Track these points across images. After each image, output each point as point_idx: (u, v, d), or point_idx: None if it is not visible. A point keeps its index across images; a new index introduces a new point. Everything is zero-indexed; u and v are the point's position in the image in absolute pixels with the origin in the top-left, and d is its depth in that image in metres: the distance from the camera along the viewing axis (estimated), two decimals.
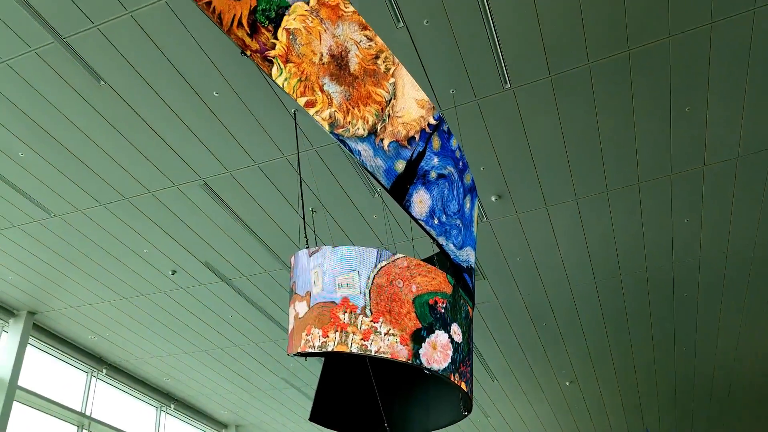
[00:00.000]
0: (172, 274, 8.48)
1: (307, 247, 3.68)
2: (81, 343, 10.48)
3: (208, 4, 2.79)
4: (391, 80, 3.60)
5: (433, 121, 4.00)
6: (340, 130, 3.34)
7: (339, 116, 3.30)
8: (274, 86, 5.63)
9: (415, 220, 3.70)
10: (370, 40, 3.51)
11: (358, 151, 3.39)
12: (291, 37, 3.11)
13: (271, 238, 7.77)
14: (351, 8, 3.43)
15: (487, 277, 8.50)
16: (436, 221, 3.81)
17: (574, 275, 8.53)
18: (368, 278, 3.38)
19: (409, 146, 3.72)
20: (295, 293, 3.56)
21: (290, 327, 3.55)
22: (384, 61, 3.58)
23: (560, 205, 7.16)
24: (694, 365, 11.15)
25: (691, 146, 6.34)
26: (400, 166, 3.64)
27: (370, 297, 3.34)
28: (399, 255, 3.54)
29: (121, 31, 5.25)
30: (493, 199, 7.01)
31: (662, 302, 9.16)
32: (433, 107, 3.97)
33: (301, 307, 3.45)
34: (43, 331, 9.91)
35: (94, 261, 8.24)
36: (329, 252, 3.47)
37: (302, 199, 5.26)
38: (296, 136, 5.45)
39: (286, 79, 3.11)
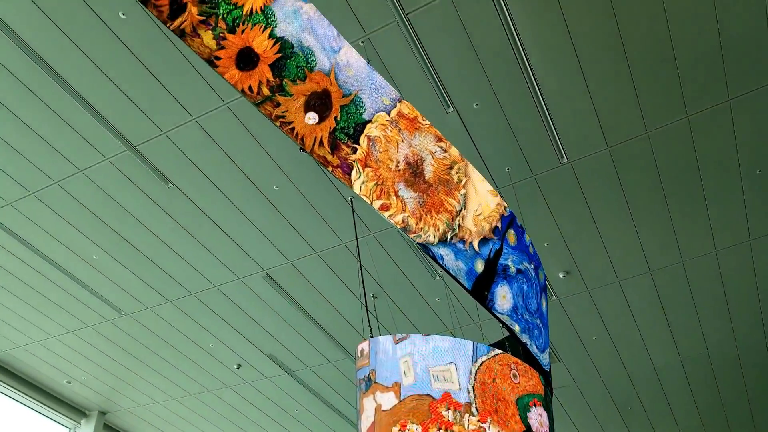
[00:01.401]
0: (238, 368, 8.48)
1: (371, 335, 3.59)
2: None
3: (292, 130, 3.06)
4: (463, 191, 3.70)
5: (505, 204, 4.08)
6: (411, 235, 3.44)
7: (412, 222, 3.41)
8: (332, 177, 5.75)
9: (498, 317, 3.65)
10: (445, 151, 3.68)
11: (441, 255, 3.48)
12: (371, 143, 3.31)
13: (333, 327, 7.70)
14: (428, 122, 3.64)
15: (562, 359, 8.07)
16: (519, 318, 3.77)
17: (656, 353, 7.99)
18: (470, 373, 3.28)
19: (494, 236, 3.77)
20: (375, 383, 3.37)
21: (368, 420, 3.32)
22: (457, 172, 3.71)
23: (634, 278, 6.82)
24: None
25: None
26: (480, 266, 3.66)
27: (474, 394, 3.23)
28: (497, 351, 3.47)
29: (187, 135, 5.54)
30: (560, 275, 6.76)
31: (759, 377, 8.39)
32: (501, 204, 4.02)
33: (386, 399, 3.27)
34: (113, 431, 9.98)
35: (163, 358, 8.35)
36: (419, 340, 3.35)
37: (363, 286, 5.22)
38: (354, 223, 5.48)
39: (363, 182, 3.26)
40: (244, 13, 2.89)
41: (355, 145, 3.23)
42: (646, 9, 4.51)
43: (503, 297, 3.69)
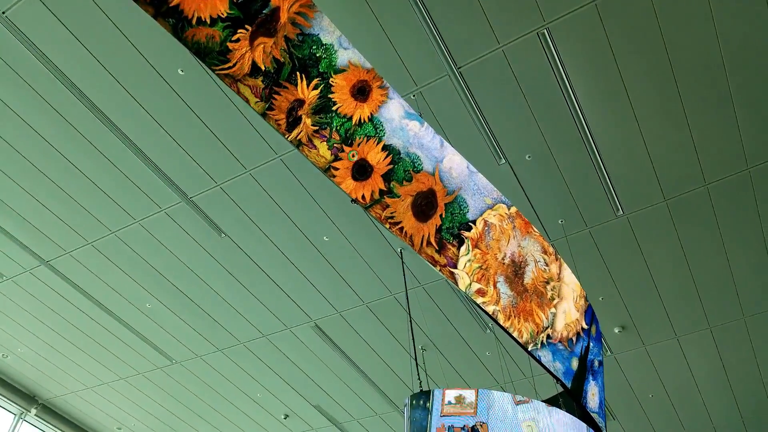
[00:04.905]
0: (285, 419, 8.42)
1: (421, 388, 3.58)
2: None
3: (401, 230, 3.25)
4: (552, 310, 3.73)
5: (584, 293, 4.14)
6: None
7: (501, 317, 3.50)
8: (381, 228, 5.77)
9: (587, 416, 3.60)
10: (547, 265, 3.78)
11: (540, 356, 3.52)
12: (486, 227, 3.47)
13: (381, 379, 7.60)
14: (537, 231, 3.83)
15: (617, 418, 7.74)
16: (602, 412, 3.77)
17: (716, 412, 7.59)
18: None
19: (583, 335, 3.82)
20: None
21: None
22: (552, 290, 3.79)
23: (692, 334, 6.55)
24: None
25: None
26: (575, 364, 3.69)
27: None
28: None
29: (240, 187, 5.66)
30: (616, 330, 6.54)
31: None
32: (583, 294, 4.03)
33: None
34: None
35: (211, 406, 8.37)
36: (543, 409, 3.37)
37: (412, 338, 5.15)
38: (404, 274, 5.46)
39: (469, 260, 3.38)
40: (353, 123, 3.10)
41: (468, 231, 3.40)
42: (702, 59, 4.45)
43: (593, 395, 3.67)
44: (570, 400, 3.95)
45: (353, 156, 3.13)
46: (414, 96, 4.86)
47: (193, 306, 6.91)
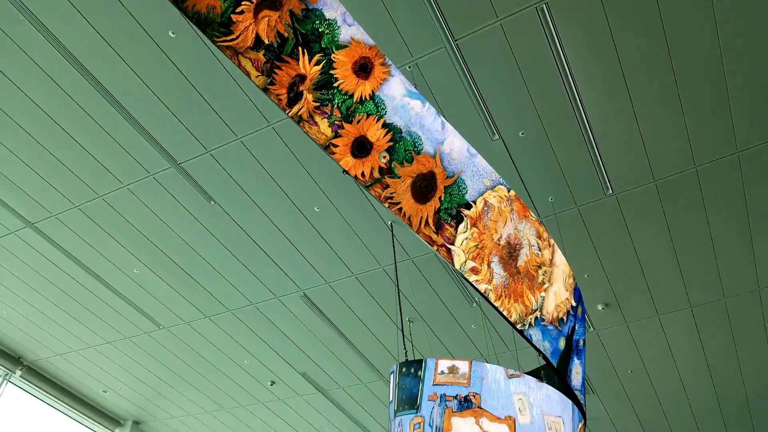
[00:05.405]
0: (271, 385, 8.52)
1: (406, 359, 3.62)
2: None
3: (400, 210, 3.25)
4: (542, 294, 3.75)
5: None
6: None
7: (492, 296, 3.51)
8: (372, 200, 5.77)
9: (570, 392, 3.66)
10: (540, 249, 3.79)
11: (530, 335, 3.54)
12: (486, 207, 3.48)
13: (367, 349, 7.69)
14: (534, 216, 3.85)
15: (596, 392, 7.92)
16: (583, 390, 3.83)
17: (693, 390, 7.79)
18: (573, 431, 3.37)
19: (572, 313, 3.88)
20: (481, 408, 3.34)
21: None
22: (543, 274, 3.81)
23: (674, 313, 6.67)
24: None
25: None
26: (563, 343, 3.73)
27: None
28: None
29: (231, 155, 5.61)
30: (600, 307, 6.65)
31: None
32: (572, 273, 4.07)
33: (498, 429, 3.26)
34: None
35: (198, 372, 8.43)
36: (534, 384, 3.37)
37: (400, 310, 5.20)
38: (393, 247, 5.49)
39: (466, 239, 3.39)
40: (354, 101, 3.08)
41: (472, 203, 3.42)
42: (699, 43, 4.45)
43: (577, 373, 3.72)
44: (551, 373, 4.04)
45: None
46: (410, 68, 4.83)
47: (181, 272, 6.90)
